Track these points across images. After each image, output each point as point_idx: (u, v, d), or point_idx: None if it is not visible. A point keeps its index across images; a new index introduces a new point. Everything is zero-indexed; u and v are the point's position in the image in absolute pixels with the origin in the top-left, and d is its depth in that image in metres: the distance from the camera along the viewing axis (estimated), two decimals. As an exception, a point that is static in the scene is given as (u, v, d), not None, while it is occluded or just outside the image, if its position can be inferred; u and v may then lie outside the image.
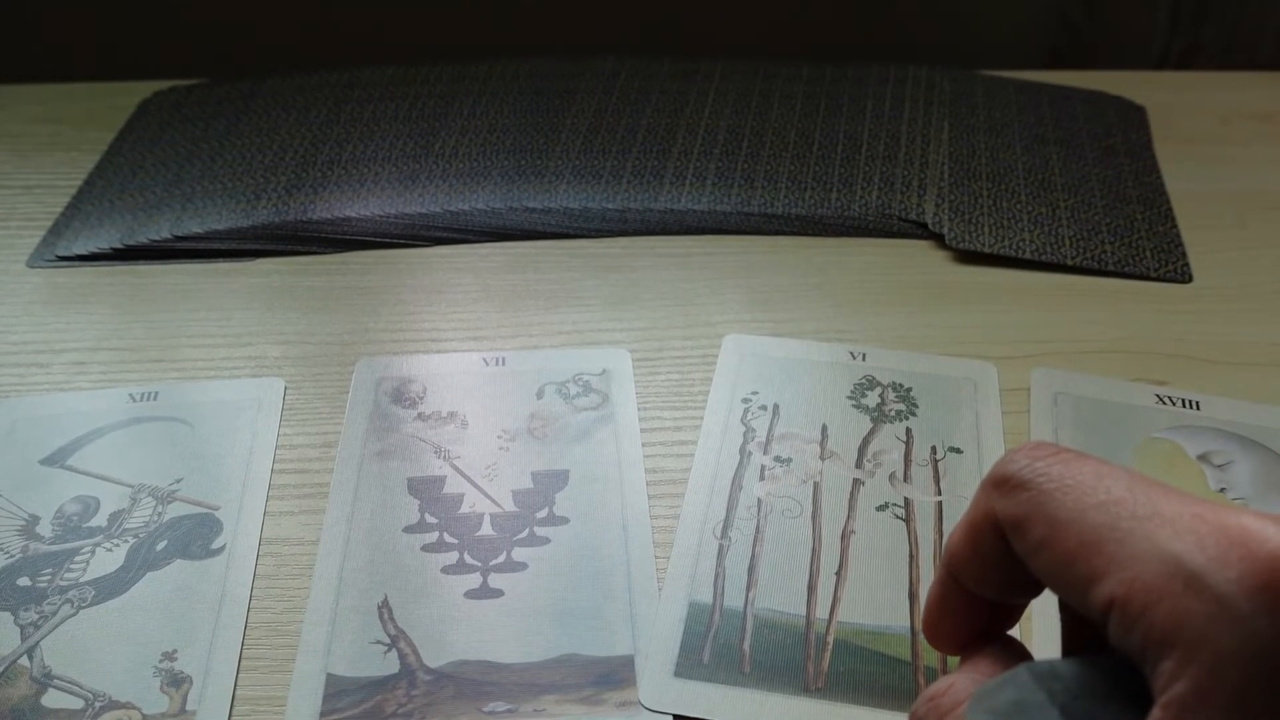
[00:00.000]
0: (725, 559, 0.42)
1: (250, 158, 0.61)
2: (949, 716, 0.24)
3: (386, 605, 0.41)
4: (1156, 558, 0.21)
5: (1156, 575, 0.21)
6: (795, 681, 0.38)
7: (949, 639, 0.27)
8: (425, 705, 0.38)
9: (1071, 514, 0.22)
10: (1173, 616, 0.20)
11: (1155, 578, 0.21)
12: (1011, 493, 0.24)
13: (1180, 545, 0.21)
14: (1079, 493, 0.23)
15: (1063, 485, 0.23)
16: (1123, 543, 0.21)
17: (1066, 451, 0.24)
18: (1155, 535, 0.21)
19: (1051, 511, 0.23)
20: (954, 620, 0.27)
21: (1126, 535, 0.21)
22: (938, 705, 0.24)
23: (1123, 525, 0.21)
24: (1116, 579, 0.21)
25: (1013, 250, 0.55)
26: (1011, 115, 0.64)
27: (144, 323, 0.52)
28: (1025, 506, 0.23)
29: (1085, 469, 0.23)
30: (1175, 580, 0.20)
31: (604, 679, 0.39)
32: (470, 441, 0.46)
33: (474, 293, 0.54)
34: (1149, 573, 0.21)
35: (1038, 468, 0.24)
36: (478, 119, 0.64)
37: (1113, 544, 0.21)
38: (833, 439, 0.46)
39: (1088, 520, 0.22)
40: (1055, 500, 0.23)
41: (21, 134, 0.65)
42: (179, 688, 0.38)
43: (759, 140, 0.62)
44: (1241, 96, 0.67)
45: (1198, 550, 0.20)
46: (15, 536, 0.43)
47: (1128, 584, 0.21)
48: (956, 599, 0.26)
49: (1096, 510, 0.22)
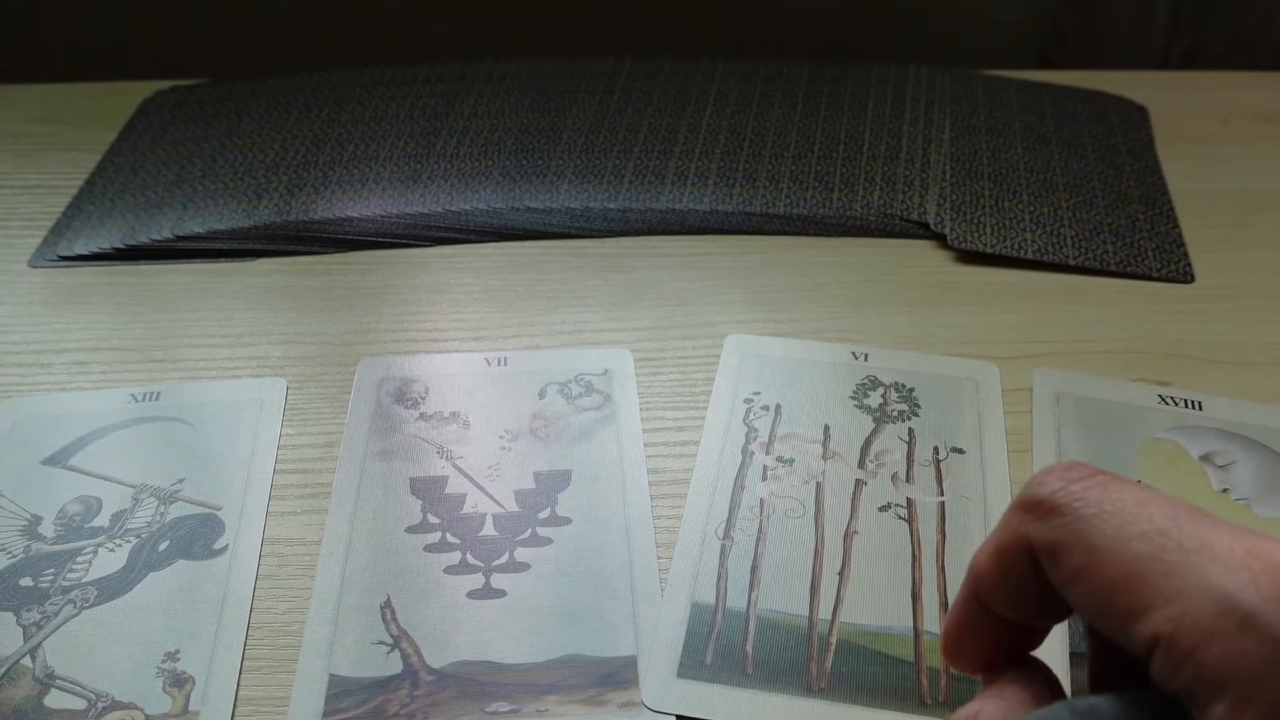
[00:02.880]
0: (728, 559, 0.42)
1: (252, 157, 0.61)
2: None
3: (389, 605, 0.41)
4: (1207, 595, 0.20)
5: (1207, 614, 0.20)
6: (798, 682, 0.38)
7: (970, 660, 0.26)
8: (428, 706, 0.38)
9: (1112, 542, 0.21)
10: (1226, 658, 0.19)
11: (1206, 616, 0.20)
12: (1046, 517, 0.23)
13: (1233, 582, 0.20)
14: (1120, 520, 0.22)
15: (1102, 511, 0.22)
16: (1169, 576, 0.20)
17: (1102, 474, 0.23)
18: (1205, 570, 0.20)
19: (1090, 539, 0.22)
20: (976, 642, 0.26)
21: (1173, 568, 0.20)
22: None
23: (1169, 557, 0.21)
24: (1163, 615, 0.20)
25: (1015, 250, 0.55)
26: (1013, 115, 0.64)
27: (146, 323, 0.52)
28: (1061, 532, 0.22)
29: (1125, 494, 0.22)
30: (1228, 619, 0.19)
31: (607, 679, 0.39)
32: (472, 441, 0.46)
33: (476, 293, 0.54)
34: (1199, 610, 0.20)
35: (1074, 491, 0.23)
36: (479, 119, 0.64)
37: (1158, 577, 0.20)
38: (835, 439, 0.46)
39: (1130, 550, 0.21)
40: (1094, 527, 0.22)
41: (22, 134, 0.64)
42: (181, 688, 0.38)
43: (760, 140, 0.62)
44: (1243, 96, 0.67)
45: (1252, 588, 0.20)
46: (17, 537, 0.43)
47: (1175, 621, 0.20)
48: (980, 621, 0.25)
49: (1140, 540, 0.21)
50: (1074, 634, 0.40)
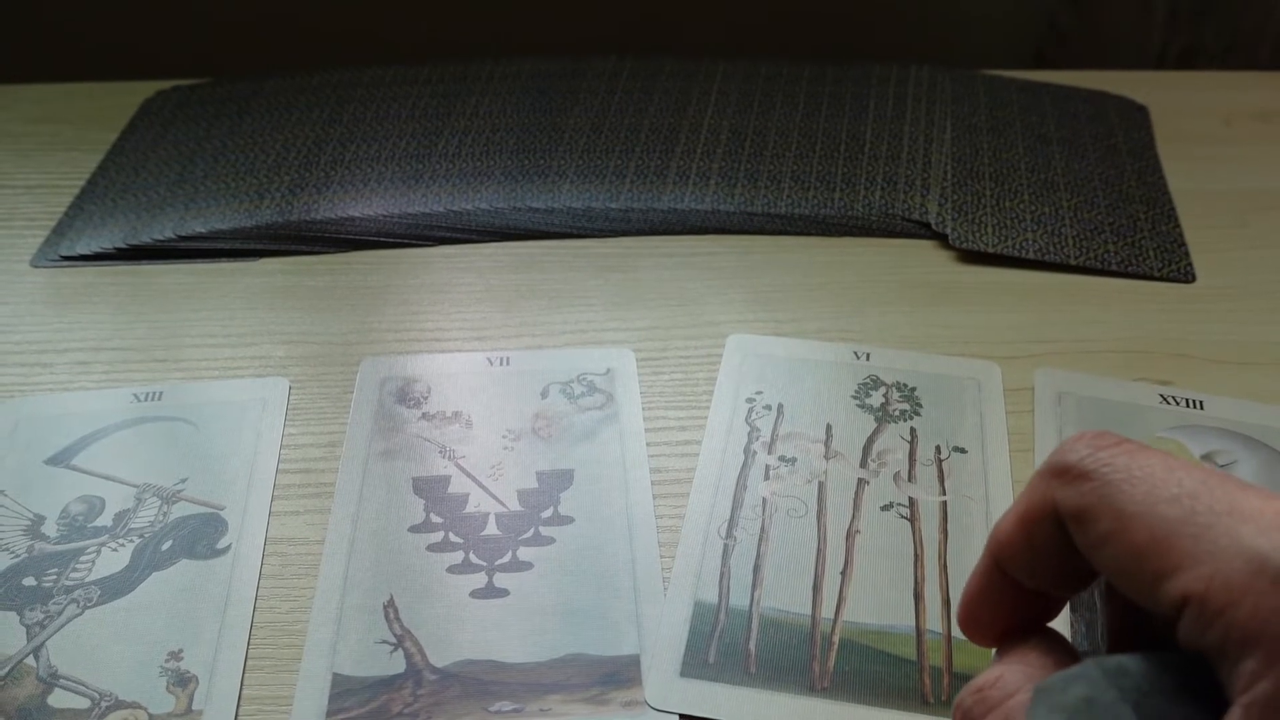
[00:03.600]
0: (730, 559, 0.42)
1: (253, 157, 0.61)
2: (1000, 709, 0.23)
3: (392, 605, 0.41)
4: (1240, 555, 0.20)
5: (1240, 573, 0.20)
6: (801, 681, 0.38)
7: (986, 630, 0.26)
8: (431, 705, 0.38)
9: (1141, 507, 0.22)
10: (1257, 615, 0.20)
11: (1239, 575, 0.20)
12: (1074, 482, 0.23)
13: (1265, 543, 0.20)
14: (1149, 485, 0.22)
15: (1130, 476, 0.22)
16: (1198, 538, 0.21)
17: (1129, 442, 0.23)
18: (1237, 531, 0.20)
19: (1119, 503, 0.22)
20: (995, 611, 0.26)
21: (1203, 530, 0.21)
22: (986, 697, 0.23)
23: (1199, 520, 0.21)
24: (1193, 574, 0.20)
25: (1016, 250, 0.55)
26: (1014, 115, 0.64)
27: (148, 322, 0.52)
28: (1089, 497, 0.22)
29: (1153, 461, 0.22)
30: (1260, 578, 0.20)
31: (610, 678, 0.39)
32: (475, 441, 0.47)
33: (478, 292, 0.54)
34: (1231, 570, 0.20)
35: (1101, 458, 0.23)
36: (481, 119, 0.64)
37: (1188, 539, 0.21)
38: (837, 439, 0.46)
39: (1159, 513, 0.21)
40: (1123, 492, 0.22)
41: (23, 134, 0.64)
42: (185, 687, 0.38)
43: (762, 140, 0.62)
44: (1244, 96, 0.67)
45: None
46: (21, 536, 0.43)
47: (1207, 580, 0.20)
48: (1000, 590, 0.25)
49: (1169, 504, 0.21)
50: (1075, 633, 0.40)
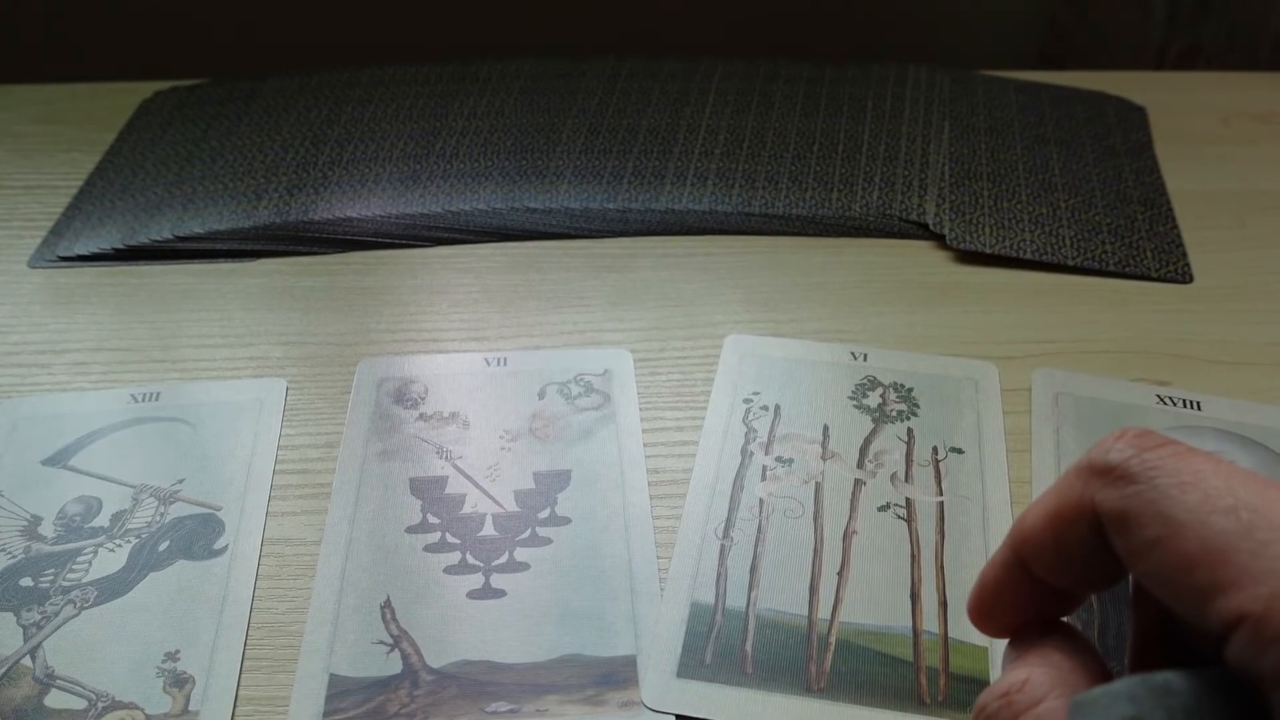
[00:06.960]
0: (727, 559, 0.42)
1: (251, 158, 0.61)
2: (1029, 714, 0.22)
3: (389, 605, 0.41)
4: None
5: None
6: (797, 682, 0.38)
7: (999, 622, 0.25)
8: (428, 705, 0.38)
9: (1193, 515, 0.20)
10: None
11: None
12: (1116, 484, 0.22)
13: None
14: (1203, 493, 0.20)
15: (1181, 482, 0.21)
16: (1258, 555, 0.19)
17: (1175, 442, 0.22)
18: None
19: (1168, 510, 0.21)
20: (1011, 604, 0.25)
21: (1262, 547, 0.19)
22: (1012, 702, 0.22)
23: (1259, 535, 0.20)
24: (1250, 594, 0.19)
25: (1013, 250, 0.55)
26: (1012, 115, 0.64)
27: (145, 323, 0.52)
28: (1134, 501, 0.21)
29: (1205, 466, 0.21)
30: None
31: (606, 679, 0.39)
32: (472, 442, 0.47)
33: (475, 293, 0.54)
34: None
35: (1148, 459, 0.21)
36: (478, 119, 0.64)
37: (1245, 554, 0.20)
38: (834, 439, 0.46)
39: (1214, 524, 0.20)
40: (1172, 498, 0.21)
41: (22, 134, 0.65)
42: (182, 688, 0.38)
43: (760, 141, 0.62)
44: (1242, 96, 0.67)
45: None
46: (17, 537, 0.43)
47: (1266, 601, 0.19)
48: (1019, 583, 0.24)
49: (1225, 515, 0.20)
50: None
